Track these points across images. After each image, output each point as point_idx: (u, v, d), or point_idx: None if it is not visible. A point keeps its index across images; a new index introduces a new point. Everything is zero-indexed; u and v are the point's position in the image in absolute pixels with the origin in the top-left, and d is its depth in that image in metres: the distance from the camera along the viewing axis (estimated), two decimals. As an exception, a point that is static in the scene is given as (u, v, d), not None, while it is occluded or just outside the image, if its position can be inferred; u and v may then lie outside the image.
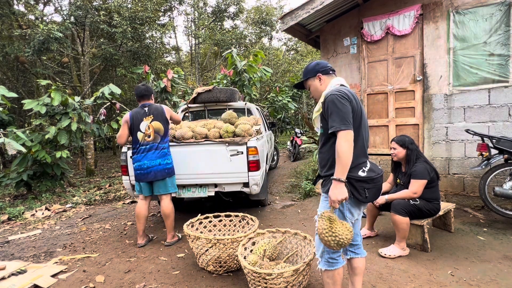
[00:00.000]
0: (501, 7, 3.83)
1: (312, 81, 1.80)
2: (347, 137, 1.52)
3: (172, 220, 3.16)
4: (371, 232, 3.14)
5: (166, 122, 3.15)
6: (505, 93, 3.85)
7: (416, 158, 2.77)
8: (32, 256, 3.07)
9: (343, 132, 1.52)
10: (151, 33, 11.35)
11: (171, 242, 3.18)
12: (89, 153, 9.15)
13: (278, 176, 6.71)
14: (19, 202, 5.36)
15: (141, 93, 3.16)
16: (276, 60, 18.84)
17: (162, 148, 3.09)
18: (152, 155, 3.04)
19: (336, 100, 1.57)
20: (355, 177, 1.61)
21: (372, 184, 1.64)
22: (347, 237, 1.51)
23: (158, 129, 3.08)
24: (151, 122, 3.07)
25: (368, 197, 1.63)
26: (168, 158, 3.12)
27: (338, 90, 1.61)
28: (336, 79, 1.75)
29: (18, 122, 11.33)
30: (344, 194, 1.54)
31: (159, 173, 3.05)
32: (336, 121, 1.54)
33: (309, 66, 1.82)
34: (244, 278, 2.38)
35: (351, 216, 1.68)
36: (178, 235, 3.32)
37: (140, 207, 3.19)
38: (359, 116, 1.63)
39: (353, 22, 4.89)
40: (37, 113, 5.35)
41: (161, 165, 3.05)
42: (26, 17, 9.53)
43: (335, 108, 1.56)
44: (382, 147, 4.83)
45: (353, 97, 1.62)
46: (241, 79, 7.16)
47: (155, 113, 3.11)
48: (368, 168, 1.66)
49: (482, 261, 2.52)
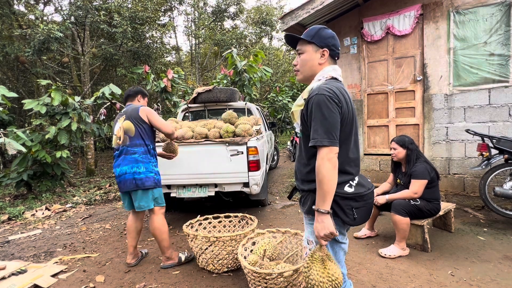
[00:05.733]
0: (501, 7, 3.83)
1: (311, 50, 1.37)
2: (330, 156, 1.20)
3: (162, 240, 2.60)
4: (371, 232, 3.14)
5: (139, 121, 2.57)
6: (505, 93, 3.85)
7: (416, 158, 2.77)
8: (32, 256, 3.07)
9: (326, 149, 1.20)
10: (151, 33, 11.36)
11: (165, 265, 2.66)
12: (89, 153, 9.15)
13: (278, 176, 6.71)
14: (19, 202, 5.36)
15: (126, 94, 2.79)
16: (276, 60, 18.84)
17: (132, 152, 2.53)
18: (121, 161, 2.55)
19: (323, 104, 1.22)
20: (341, 194, 1.27)
21: (361, 202, 1.31)
22: (340, 277, 1.24)
23: (127, 129, 2.56)
24: (123, 122, 2.61)
25: (357, 219, 1.30)
26: (138, 166, 2.50)
27: (328, 89, 1.25)
28: (330, 68, 1.37)
29: (18, 122, 11.33)
30: (329, 228, 1.21)
31: (127, 183, 2.51)
32: (318, 133, 1.21)
33: (321, 32, 1.37)
34: (244, 278, 2.38)
35: (342, 236, 1.36)
36: (181, 257, 2.72)
37: (129, 219, 2.73)
38: (350, 121, 1.30)
39: (353, 22, 4.89)
40: (37, 113, 5.36)
41: (127, 174, 2.50)
42: (26, 17, 9.53)
43: (320, 115, 1.22)
44: (382, 147, 4.83)
45: (344, 98, 1.28)
46: (241, 79, 7.16)
47: (128, 112, 2.61)
48: (356, 182, 1.33)
49: (482, 261, 2.52)
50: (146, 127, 2.60)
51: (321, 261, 1.25)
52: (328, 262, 1.25)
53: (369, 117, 4.89)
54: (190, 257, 2.76)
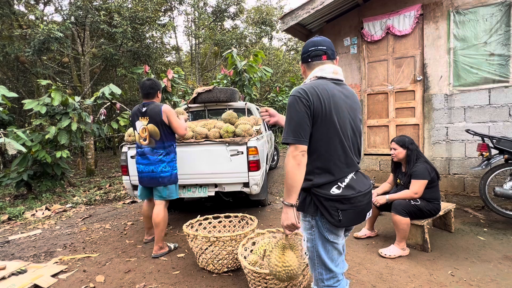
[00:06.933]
0: (501, 7, 3.83)
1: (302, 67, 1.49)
2: (295, 154, 1.26)
3: (161, 229, 2.85)
4: (371, 232, 3.14)
5: (163, 125, 2.80)
6: (505, 93, 3.85)
7: (416, 158, 2.77)
8: (32, 256, 3.07)
9: (291, 147, 1.27)
10: (151, 33, 11.35)
11: (157, 254, 2.87)
12: (89, 153, 9.15)
13: (278, 176, 6.71)
14: (19, 202, 5.36)
15: (146, 91, 2.87)
16: (276, 60, 18.83)
17: (157, 154, 2.80)
18: (146, 160, 2.82)
19: (291, 104, 1.29)
20: (325, 195, 1.29)
21: (348, 205, 1.30)
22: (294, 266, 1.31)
23: (153, 132, 2.80)
24: (147, 124, 2.80)
25: (343, 221, 1.29)
26: (164, 166, 2.81)
27: (301, 89, 1.30)
28: (317, 69, 1.39)
29: (18, 122, 11.32)
30: (291, 220, 1.29)
31: (152, 181, 2.83)
32: (286, 131, 1.29)
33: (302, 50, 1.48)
34: (244, 278, 2.38)
35: (334, 236, 1.36)
36: (170, 246, 3.00)
37: (144, 207, 3.16)
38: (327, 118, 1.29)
39: (353, 22, 4.89)
40: (37, 113, 5.35)
41: (154, 173, 2.80)
42: (26, 17, 9.54)
43: (289, 115, 1.30)
44: (382, 147, 4.83)
45: (319, 97, 1.28)
46: (241, 79, 7.17)
47: (151, 114, 2.78)
48: (346, 183, 1.32)
49: (482, 261, 2.52)
50: (169, 129, 2.86)
51: (282, 248, 1.36)
52: (288, 251, 1.36)
53: (369, 117, 4.89)
54: (176, 247, 3.07)
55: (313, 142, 1.31)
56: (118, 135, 9.13)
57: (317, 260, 1.40)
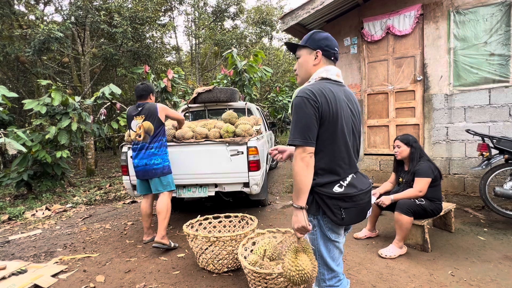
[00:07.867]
0: (502, 7, 3.82)
1: (306, 54, 1.44)
2: (303, 155, 1.25)
3: (163, 218, 2.98)
4: (372, 233, 3.13)
5: (158, 122, 3.08)
6: (505, 93, 3.85)
7: (419, 157, 2.77)
8: (32, 256, 3.07)
9: (299, 148, 1.26)
10: (151, 33, 11.37)
11: (159, 242, 2.94)
12: (90, 153, 9.15)
13: (278, 176, 6.71)
14: (20, 202, 5.36)
15: (139, 93, 3.18)
16: (277, 60, 18.84)
17: (150, 148, 3.06)
18: (142, 155, 3.06)
19: (299, 105, 1.27)
20: (328, 193, 1.31)
21: (350, 203, 1.32)
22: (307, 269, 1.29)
23: (148, 129, 3.06)
24: (142, 122, 3.07)
25: (346, 219, 1.31)
26: (156, 158, 3.05)
27: (308, 91, 1.28)
28: (322, 69, 1.40)
29: (18, 122, 11.33)
30: (301, 222, 1.28)
31: (147, 173, 3.06)
32: (293, 133, 1.28)
33: (314, 35, 1.43)
34: (244, 278, 2.38)
35: (336, 235, 1.38)
36: (171, 244, 3.03)
37: (142, 205, 3.26)
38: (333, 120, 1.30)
39: (353, 22, 4.89)
40: (38, 113, 5.35)
41: (147, 165, 3.04)
42: (26, 17, 9.54)
43: (296, 116, 1.28)
44: (382, 147, 4.83)
45: (326, 99, 1.28)
46: (241, 79, 7.17)
47: (147, 112, 3.07)
48: (348, 182, 1.34)
49: (482, 261, 2.52)
50: (162, 126, 3.13)
51: (295, 252, 1.33)
52: (301, 254, 1.33)
53: (369, 117, 4.89)
54: (176, 247, 3.09)
55: (318, 143, 1.31)
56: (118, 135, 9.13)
57: (319, 260, 1.40)
